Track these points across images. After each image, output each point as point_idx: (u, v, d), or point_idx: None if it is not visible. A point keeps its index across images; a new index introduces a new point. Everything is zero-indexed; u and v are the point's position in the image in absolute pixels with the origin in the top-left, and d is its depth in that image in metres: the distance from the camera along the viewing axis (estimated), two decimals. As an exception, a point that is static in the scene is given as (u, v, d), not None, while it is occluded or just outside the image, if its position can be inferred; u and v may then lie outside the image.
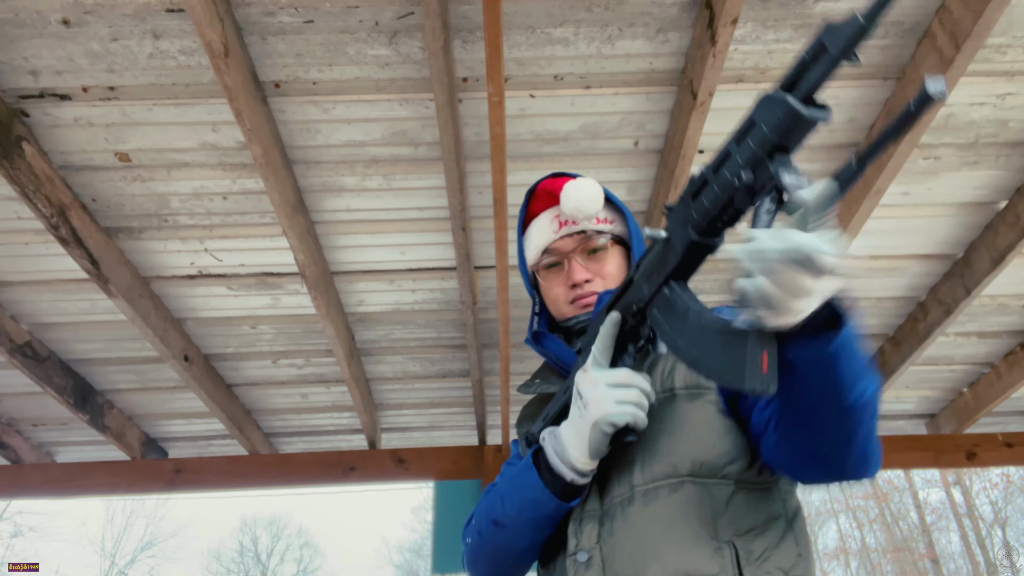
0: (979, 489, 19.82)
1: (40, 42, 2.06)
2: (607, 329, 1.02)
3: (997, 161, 2.60)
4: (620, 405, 0.97)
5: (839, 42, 0.65)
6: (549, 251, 1.29)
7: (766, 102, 0.73)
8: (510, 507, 1.10)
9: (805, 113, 0.69)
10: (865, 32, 0.64)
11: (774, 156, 0.73)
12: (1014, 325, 3.52)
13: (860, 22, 0.63)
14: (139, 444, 4.10)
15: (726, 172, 0.78)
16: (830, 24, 0.66)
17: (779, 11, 2.11)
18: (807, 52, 0.69)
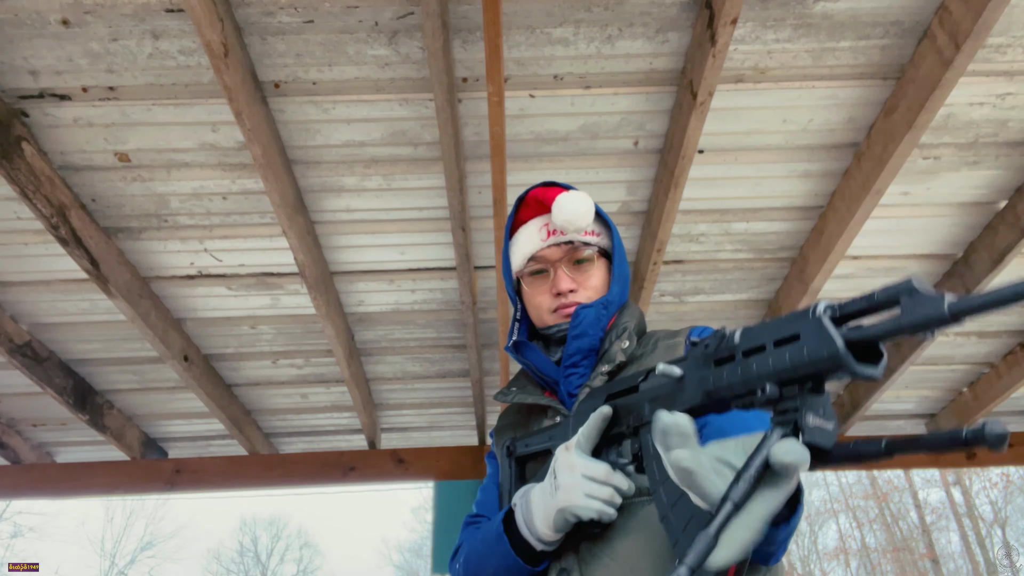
0: (979, 489, 19.83)
1: (40, 42, 2.06)
2: (596, 420, 1.00)
3: (997, 161, 2.61)
4: (589, 500, 0.95)
5: (916, 319, 0.59)
6: (535, 259, 1.30)
7: (818, 329, 0.66)
8: (488, 568, 1.11)
9: (856, 371, 0.64)
10: (946, 325, 0.58)
11: (806, 384, 0.69)
12: (1014, 325, 3.52)
13: (945, 314, 0.57)
14: (139, 444, 4.10)
15: (754, 366, 0.73)
16: (913, 288, 0.60)
17: (779, 11, 2.11)
18: (880, 295, 0.63)
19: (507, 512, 1.10)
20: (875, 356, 0.66)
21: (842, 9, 2.11)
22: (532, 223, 1.33)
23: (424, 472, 4.07)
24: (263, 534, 29.90)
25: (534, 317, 1.32)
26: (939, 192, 2.74)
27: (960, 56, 1.97)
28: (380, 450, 4.11)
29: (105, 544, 26.05)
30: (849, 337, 0.64)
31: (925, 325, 0.59)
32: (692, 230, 2.93)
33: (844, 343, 0.64)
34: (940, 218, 2.86)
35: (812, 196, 2.76)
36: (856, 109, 2.41)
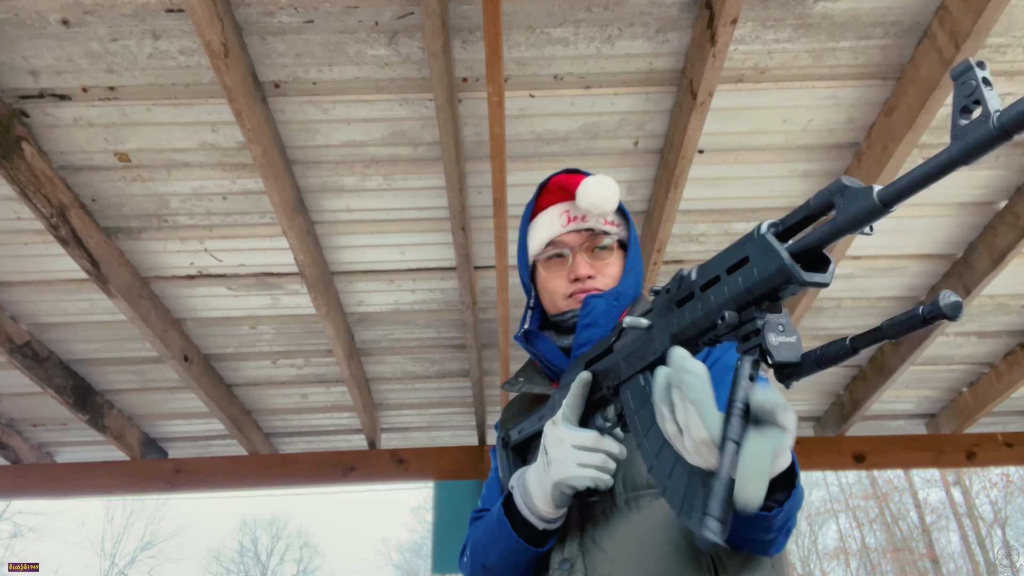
0: (979, 489, 19.82)
1: (40, 42, 2.06)
2: (577, 388, 1.00)
3: (997, 161, 2.61)
4: (582, 469, 0.95)
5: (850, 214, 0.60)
6: (554, 243, 1.29)
7: (763, 246, 0.67)
8: (492, 555, 1.11)
9: (803, 279, 0.65)
10: (879, 215, 0.59)
11: (762, 304, 0.69)
12: (1014, 325, 3.52)
13: (875, 203, 0.58)
14: (139, 444, 4.10)
15: (712, 298, 0.74)
16: (843, 185, 0.61)
17: (779, 11, 2.11)
18: (813, 201, 0.64)
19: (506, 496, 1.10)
20: (823, 264, 0.67)
21: (842, 9, 2.10)
22: (553, 209, 1.32)
23: (424, 472, 4.07)
24: (263, 534, 29.90)
25: (547, 303, 1.30)
26: (939, 192, 2.74)
27: (960, 56, 1.97)
28: (380, 450, 4.11)
29: (105, 544, 26.05)
30: (793, 249, 0.65)
31: (859, 219, 0.60)
32: (692, 230, 2.93)
33: (789, 255, 0.65)
34: (940, 218, 2.86)
35: (812, 196, 2.76)
36: (856, 109, 2.41)
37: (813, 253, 0.66)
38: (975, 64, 0.53)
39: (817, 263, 0.67)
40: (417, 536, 30.00)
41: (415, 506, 34.27)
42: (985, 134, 0.51)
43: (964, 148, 0.52)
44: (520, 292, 3.22)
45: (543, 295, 1.31)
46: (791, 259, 0.65)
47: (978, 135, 0.51)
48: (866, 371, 3.84)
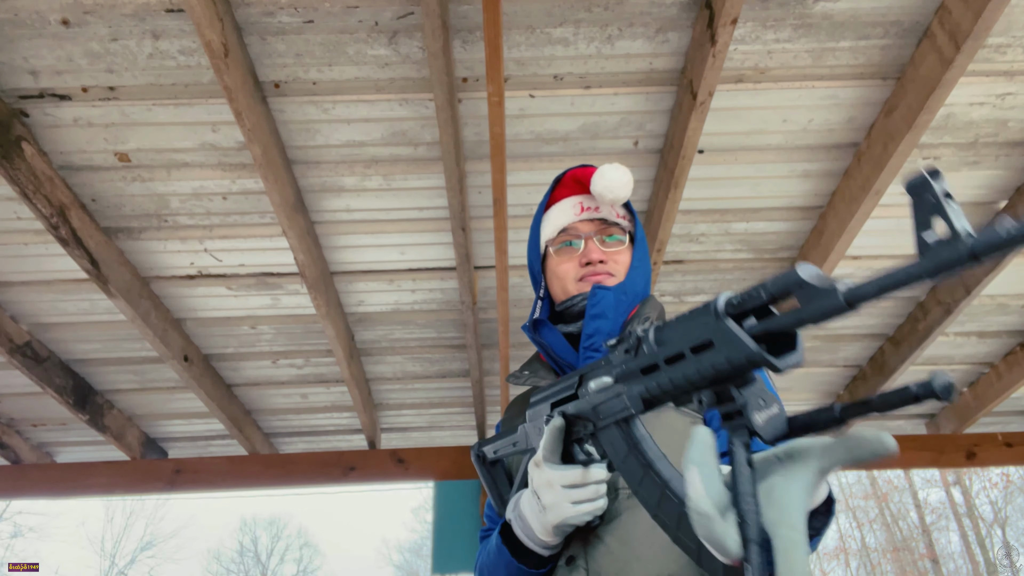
0: (979, 489, 19.81)
1: (40, 42, 2.06)
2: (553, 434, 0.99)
3: (997, 161, 2.61)
4: (577, 507, 0.96)
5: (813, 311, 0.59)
6: (567, 230, 1.32)
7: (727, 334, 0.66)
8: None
9: (775, 364, 0.63)
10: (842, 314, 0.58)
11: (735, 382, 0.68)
12: (1014, 325, 3.52)
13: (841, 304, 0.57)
14: (139, 444, 4.10)
15: (681, 376, 0.72)
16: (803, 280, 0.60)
17: (779, 11, 2.11)
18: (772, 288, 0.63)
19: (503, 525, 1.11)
20: (790, 342, 0.65)
21: (842, 9, 2.10)
22: (566, 200, 1.35)
23: (424, 472, 4.06)
24: (263, 534, 29.90)
25: (557, 290, 1.32)
26: (939, 192, 2.73)
27: (960, 56, 1.97)
28: (380, 450, 4.11)
29: (105, 544, 26.05)
30: (755, 333, 0.64)
31: (825, 316, 0.59)
32: (692, 230, 2.93)
33: (755, 343, 0.64)
34: (940, 218, 2.86)
35: (812, 196, 2.76)
36: (856, 109, 2.41)
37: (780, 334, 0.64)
38: (929, 176, 0.52)
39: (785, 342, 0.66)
40: (417, 536, 30.02)
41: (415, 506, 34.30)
42: (957, 257, 0.50)
43: (935, 267, 0.52)
44: (520, 292, 3.22)
45: (553, 282, 1.33)
46: (758, 349, 0.64)
47: (949, 257, 0.51)
48: (866, 371, 3.84)
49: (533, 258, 1.38)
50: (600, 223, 1.31)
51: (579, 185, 1.35)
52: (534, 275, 1.38)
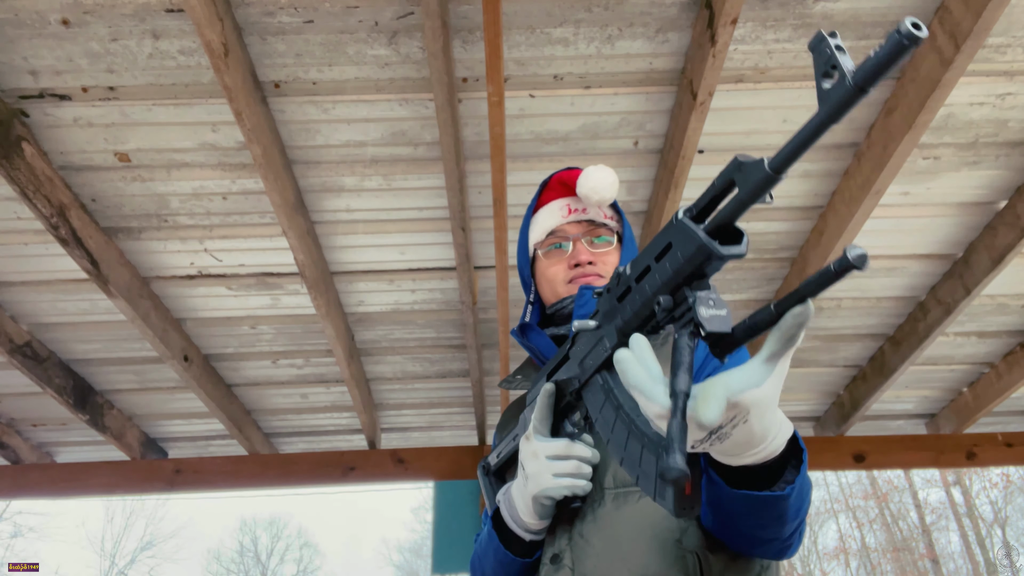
0: (979, 489, 19.81)
1: (40, 42, 2.06)
2: (543, 400, 1.03)
3: (997, 161, 2.61)
4: (557, 479, 0.98)
5: (748, 187, 0.65)
6: (555, 233, 1.33)
7: (681, 230, 0.72)
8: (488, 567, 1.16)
9: (721, 253, 0.70)
10: (773, 183, 0.63)
11: (692, 283, 0.74)
12: (1014, 325, 3.52)
13: (767, 172, 0.63)
14: (139, 444, 4.10)
15: (647, 286, 0.79)
16: (740, 162, 0.66)
17: (779, 11, 2.11)
18: (718, 180, 0.69)
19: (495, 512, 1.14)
20: (738, 238, 0.72)
21: (842, 9, 2.11)
22: (554, 203, 1.36)
23: (424, 472, 4.07)
24: (263, 534, 29.90)
25: (547, 293, 1.32)
26: (939, 192, 2.74)
27: (960, 56, 1.97)
28: (380, 450, 4.11)
29: (105, 544, 26.05)
30: (708, 228, 0.70)
31: (757, 191, 0.64)
32: (692, 230, 2.92)
33: (705, 234, 0.70)
34: (940, 218, 2.86)
35: (812, 196, 2.76)
36: (856, 109, 2.39)
37: (727, 228, 0.71)
38: (827, 35, 0.58)
39: (733, 237, 0.72)
40: (417, 536, 30.02)
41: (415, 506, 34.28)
42: (844, 93, 0.56)
43: (829, 109, 0.57)
44: (520, 292, 3.22)
45: (543, 285, 1.33)
46: (707, 237, 0.70)
47: (839, 95, 0.56)
48: (866, 371, 3.84)
49: (522, 263, 1.39)
50: (588, 224, 1.32)
51: (565, 188, 1.36)
52: (524, 279, 1.39)
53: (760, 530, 0.87)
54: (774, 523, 0.85)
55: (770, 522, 0.85)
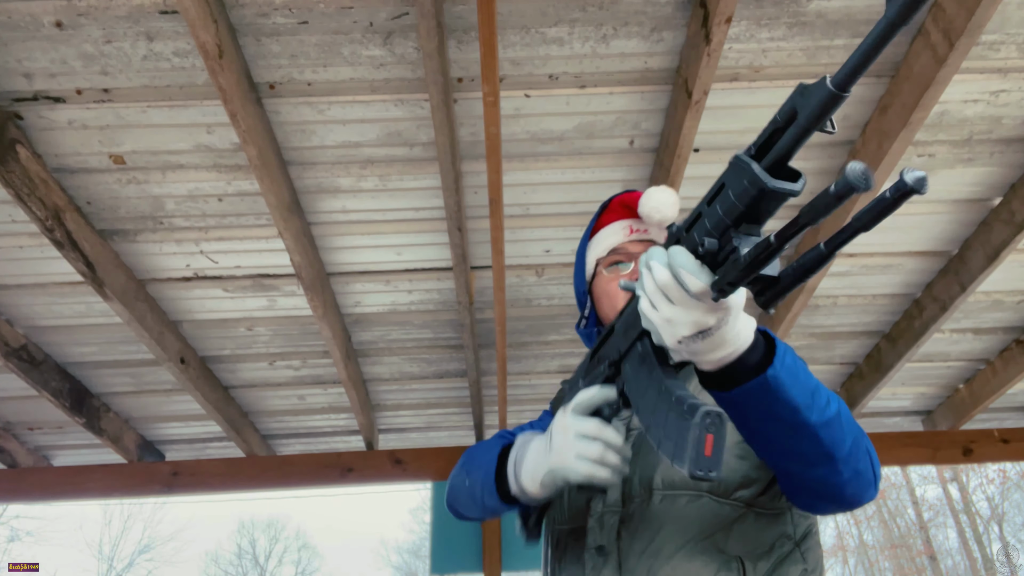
0: (976, 485, 19.87)
1: (33, 44, 2.05)
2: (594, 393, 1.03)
3: (991, 158, 2.61)
4: (579, 460, 0.96)
5: (810, 109, 0.60)
6: (617, 251, 1.35)
7: (735, 165, 0.69)
8: (474, 476, 1.18)
9: (771, 186, 0.65)
10: (838, 101, 0.59)
11: (740, 225, 0.71)
12: (1009, 321, 3.53)
13: (830, 90, 0.58)
14: (136, 447, 4.09)
15: (695, 234, 0.76)
16: (803, 86, 0.61)
17: (773, 9, 2.11)
18: (779, 115, 0.64)
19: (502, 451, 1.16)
20: (794, 176, 0.68)
21: (836, 7, 2.11)
22: (616, 223, 1.39)
23: (422, 473, 4.06)
24: (261, 536, 29.85)
25: (606, 309, 1.33)
26: (934, 189, 2.75)
27: (954, 54, 1.97)
28: (378, 451, 4.11)
29: (103, 547, 25.97)
30: (764, 164, 0.66)
31: (821, 113, 0.59)
32: (688, 229, 2.92)
33: (759, 167, 0.66)
34: (935, 215, 2.87)
35: (807, 194, 2.73)
36: (851, 107, 2.41)
37: (784, 164, 0.67)
38: None
39: (790, 176, 0.68)
40: (415, 537, 29.99)
41: (413, 507, 34.21)
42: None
43: (899, 7, 0.53)
44: (516, 292, 3.22)
45: (602, 302, 1.35)
46: (760, 169, 0.65)
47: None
48: (862, 368, 3.85)
49: (579, 281, 1.43)
50: (649, 244, 1.33)
51: (626, 209, 1.39)
52: (580, 295, 1.42)
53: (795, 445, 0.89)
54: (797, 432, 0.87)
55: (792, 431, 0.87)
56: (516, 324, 3.43)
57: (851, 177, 0.56)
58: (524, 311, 3.36)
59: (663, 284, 0.78)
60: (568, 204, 2.77)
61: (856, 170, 0.56)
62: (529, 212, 2.80)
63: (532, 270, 3.10)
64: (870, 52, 0.56)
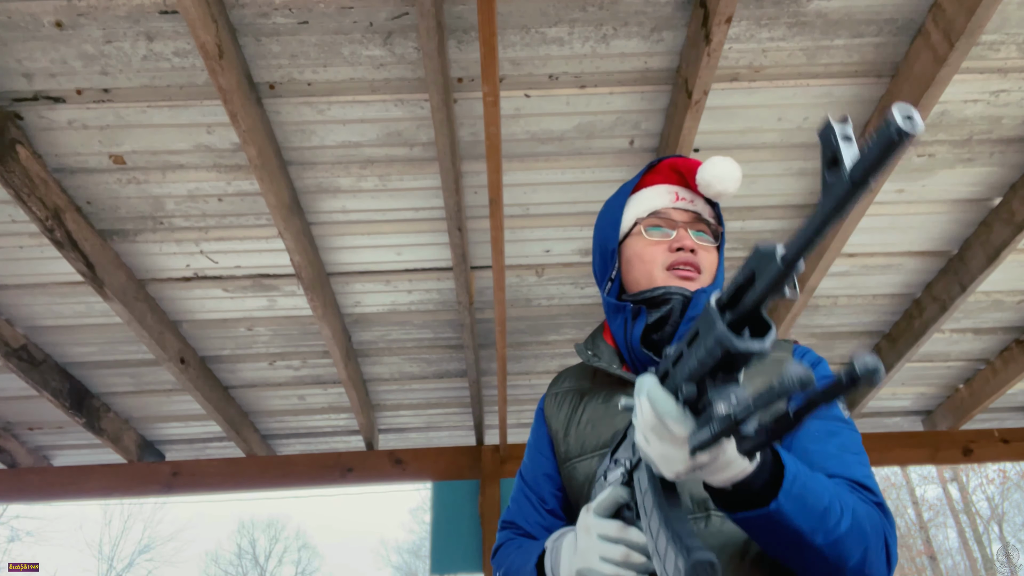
0: (976, 485, 19.88)
1: (33, 44, 2.05)
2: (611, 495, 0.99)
3: (991, 158, 2.61)
4: (603, 563, 0.94)
5: (765, 280, 0.61)
6: (660, 214, 1.24)
7: (707, 318, 0.69)
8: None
9: (737, 347, 0.65)
10: (789, 273, 0.59)
11: (717, 375, 0.71)
12: (1009, 321, 3.53)
13: (778, 264, 0.59)
14: (136, 447, 4.09)
15: (677, 374, 0.77)
16: (757, 250, 0.62)
17: (773, 9, 2.11)
18: (740, 274, 0.65)
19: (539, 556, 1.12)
20: (763, 329, 0.67)
21: (836, 7, 2.11)
22: (660, 186, 1.29)
23: (422, 473, 4.06)
24: (261, 536, 29.84)
25: (638, 273, 1.22)
26: (934, 189, 2.75)
27: (954, 54, 1.98)
28: (378, 451, 4.11)
29: (103, 547, 25.97)
30: (730, 318, 0.66)
31: (773, 285, 0.60)
32: (688, 229, 2.92)
33: (724, 324, 0.66)
34: (935, 215, 2.87)
35: (807, 194, 2.76)
36: (851, 107, 2.41)
37: (752, 319, 0.66)
38: (834, 122, 0.55)
39: (760, 328, 0.67)
40: (415, 537, 29.98)
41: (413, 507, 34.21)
42: (842, 188, 0.53)
43: (832, 203, 0.54)
44: (516, 292, 3.22)
45: (634, 264, 1.24)
46: (725, 328, 0.65)
47: (839, 190, 0.53)
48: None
49: (608, 236, 1.28)
50: (694, 216, 1.25)
51: (676, 175, 1.29)
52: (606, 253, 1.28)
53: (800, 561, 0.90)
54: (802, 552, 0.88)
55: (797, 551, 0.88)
56: (516, 324, 3.43)
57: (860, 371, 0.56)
58: (524, 311, 3.36)
59: (651, 425, 0.79)
60: (568, 204, 2.77)
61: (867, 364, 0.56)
62: (529, 212, 2.80)
63: (532, 270, 3.10)
64: (812, 239, 0.57)
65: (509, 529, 1.33)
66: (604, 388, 1.26)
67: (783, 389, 0.60)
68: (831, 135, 0.55)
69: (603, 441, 1.18)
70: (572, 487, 1.22)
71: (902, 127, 0.47)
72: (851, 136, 0.54)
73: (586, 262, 3.08)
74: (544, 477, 1.30)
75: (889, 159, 0.49)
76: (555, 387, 1.35)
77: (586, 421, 1.23)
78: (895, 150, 0.48)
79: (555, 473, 1.29)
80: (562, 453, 1.25)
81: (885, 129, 0.48)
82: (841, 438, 1.07)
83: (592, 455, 1.19)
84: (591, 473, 1.17)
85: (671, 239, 1.21)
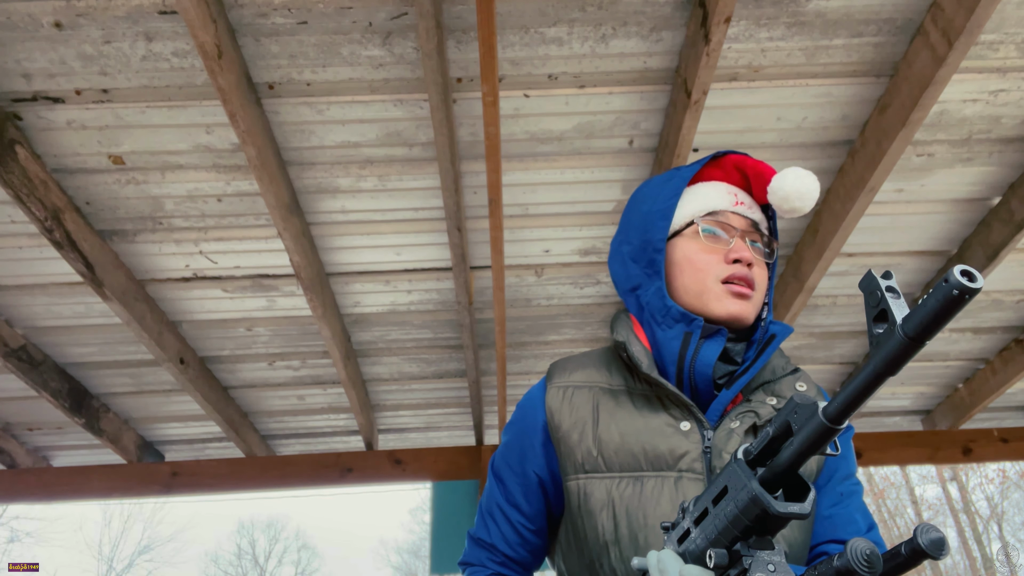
0: (975, 485, 19.88)
1: (32, 45, 2.05)
2: None
3: (990, 157, 2.61)
4: None
5: (804, 436, 0.57)
6: (718, 215, 1.11)
7: (734, 473, 0.64)
8: None
9: (775, 509, 0.60)
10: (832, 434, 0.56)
11: (750, 537, 0.66)
12: (1008, 321, 3.53)
13: (822, 422, 0.56)
14: (135, 447, 4.09)
15: (703, 535, 0.71)
16: (794, 403, 0.58)
17: (772, 9, 2.11)
18: (773, 427, 0.61)
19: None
20: (803, 490, 0.62)
21: (835, 7, 2.11)
22: (721, 184, 1.16)
23: (421, 473, 4.06)
24: (261, 537, 29.83)
25: (689, 281, 1.08)
26: (933, 189, 2.75)
27: (953, 53, 1.97)
28: (377, 451, 4.11)
29: (103, 548, 25.96)
30: (764, 476, 0.61)
31: (816, 443, 0.57)
32: (687, 229, 2.92)
33: (759, 484, 0.61)
34: (934, 215, 2.87)
35: (807, 194, 2.76)
36: (850, 107, 2.41)
37: (788, 479, 0.62)
38: (878, 276, 0.54)
39: (798, 489, 0.63)
40: (415, 537, 29.97)
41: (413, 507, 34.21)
42: (896, 344, 0.52)
43: (884, 359, 0.53)
44: (516, 292, 3.22)
45: (684, 270, 1.09)
46: (760, 488, 0.61)
47: (891, 345, 0.52)
48: (862, 367, 3.84)
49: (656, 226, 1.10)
50: (751, 225, 1.13)
51: (739, 175, 1.17)
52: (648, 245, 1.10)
53: None
54: None
55: None
56: (515, 324, 3.42)
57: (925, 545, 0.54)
58: (523, 311, 3.36)
59: None
60: (567, 204, 2.77)
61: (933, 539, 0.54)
62: (528, 212, 2.80)
63: (531, 270, 3.10)
64: (861, 395, 0.55)
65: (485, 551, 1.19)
66: (638, 395, 1.07)
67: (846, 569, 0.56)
68: (876, 288, 0.53)
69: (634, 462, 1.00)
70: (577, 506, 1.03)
71: (961, 280, 0.46)
72: (896, 289, 0.54)
73: (586, 262, 3.08)
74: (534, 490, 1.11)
75: (950, 315, 0.48)
76: (561, 378, 1.12)
77: (614, 431, 1.03)
78: (956, 306, 0.47)
79: (549, 481, 1.09)
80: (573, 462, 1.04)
81: (942, 284, 0.47)
82: (857, 499, 1.05)
83: (619, 476, 1.00)
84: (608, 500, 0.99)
85: (729, 248, 1.08)
